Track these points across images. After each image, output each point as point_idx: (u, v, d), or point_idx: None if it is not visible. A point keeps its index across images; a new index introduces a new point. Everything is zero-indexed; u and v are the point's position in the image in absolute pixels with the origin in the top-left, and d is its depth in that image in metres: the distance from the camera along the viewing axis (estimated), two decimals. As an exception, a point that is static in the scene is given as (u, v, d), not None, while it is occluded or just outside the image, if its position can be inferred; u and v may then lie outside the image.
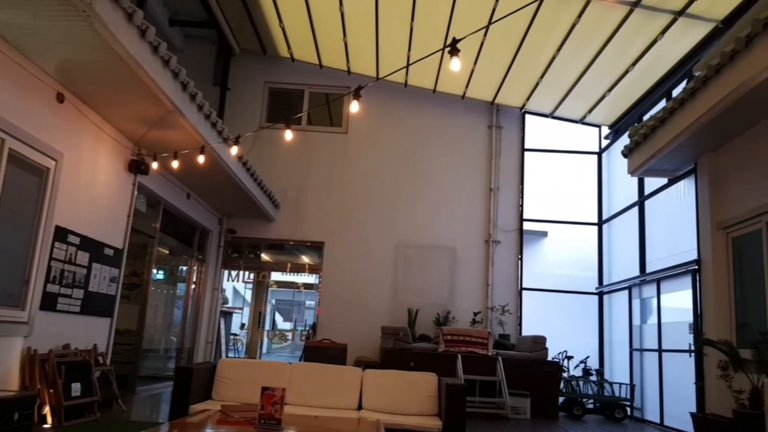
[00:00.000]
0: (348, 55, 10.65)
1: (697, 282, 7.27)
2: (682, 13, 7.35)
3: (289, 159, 11.16)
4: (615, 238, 10.55)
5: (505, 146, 11.25)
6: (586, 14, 7.84)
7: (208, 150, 6.90)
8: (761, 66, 5.02)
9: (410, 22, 9.02)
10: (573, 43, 8.56)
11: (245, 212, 10.49)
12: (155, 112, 6.22)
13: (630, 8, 7.50)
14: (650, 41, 8.02)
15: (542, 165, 11.35)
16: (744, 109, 5.84)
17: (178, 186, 8.74)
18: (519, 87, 10.35)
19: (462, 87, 10.80)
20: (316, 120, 11.80)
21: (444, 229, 10.92)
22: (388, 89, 11.22)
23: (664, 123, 6.92)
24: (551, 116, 11.07)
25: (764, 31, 4.95)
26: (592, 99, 10.06)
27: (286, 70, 11.58)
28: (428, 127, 11.32)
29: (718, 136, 6.61)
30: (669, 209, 8.48)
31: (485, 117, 11.35)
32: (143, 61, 5.31)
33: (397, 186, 11.10)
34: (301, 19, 9.73)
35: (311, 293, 19.97)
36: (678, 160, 7.44)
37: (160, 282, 10.25)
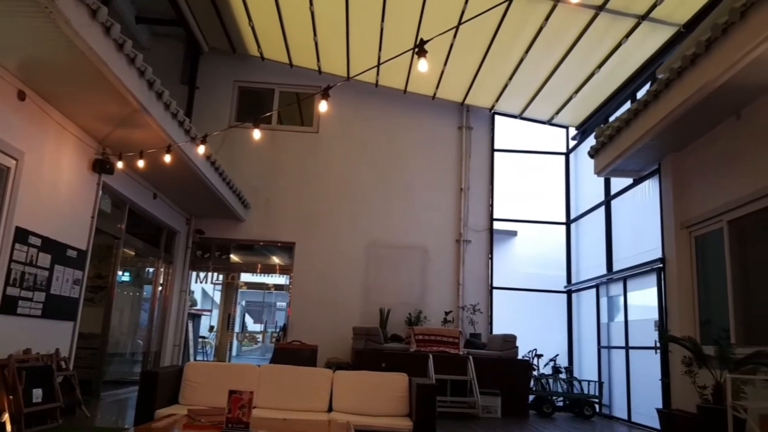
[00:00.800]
0: (318, 55, 10.60)
1: (662, 280, 7.45)
2: (645, 18, 7.51)
3: (260, 159, 11.06)
4: (583, 237, 10.74)
5: (475, 147, 11.35)
6: (553, 17, 7.95)
7: (174, 149, 6.79)
8: (721, 69, 5.17)
9: (381, 23, 9.02)
10: (541, 46, 8.68)
11: (214, 212, 10.35)
12: (120, 111, 6.09)
13: (595, 12, 7.64)
14: (615, 44, 8.18)
15: (512, 165, 11.48)
16: (705, 112, 6.00)
17: (145, 186, 8.57)
18: (488, 88, 10.44)
19: (432, 88, 10.86)
20: (287, 119, 11.72)
21: (415, 229, 10.96)
22: (359, 89, 11.20)
23: (628, 124, 7.06)
24: (520, 117, 11.21)
25: (723, 36, 5.10)
26: (559, 100, 10.22)
27: (255, 69, 11.47)
28: (399, 128, 11.35)
29: (680, 137, 6.78)
30: (634, 209, 8.67)
31: (455, 118, 11.43)
32: (108, 59, 5.20)
33: (368, 186, 11.10)
34: (271, 18, 9.64)
35: (282, 294, 19.81)
36: (642, 160, 7.61)
37: (126, 284, 10.04)
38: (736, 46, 4.95)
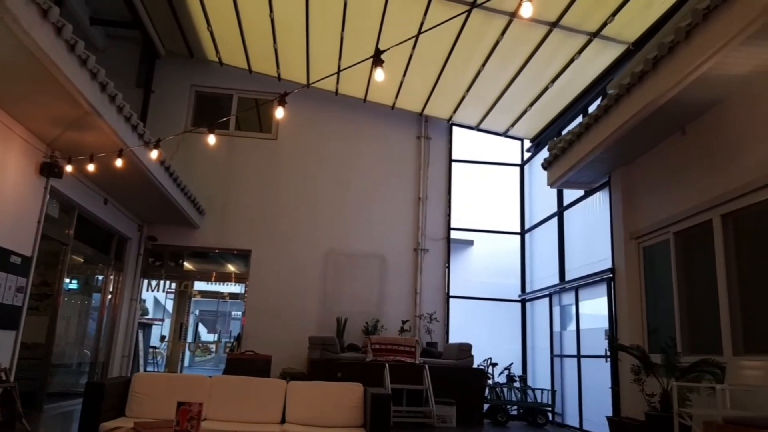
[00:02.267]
0: (278, 62, 10.54)
1: (612, 290, 7.66)
2: (596, 35, 7.77)
3: (217, 165, 10.89)
4: (537, 247, 10.97)
5: (433, 156, 11.46)
6: (509, 32, 8.14)
7: (127, 153, 6.62)
8: (667, 86, 5.39)
9: (341, 32, 9.04)
10: (497, 60, 8.86)
11: (168, 219, 10.11)
12: (71, 113, 5.92)
13: (549, 28, 7.85)
14: (568, 60, 8.43)
15: (469, 175, 11.65)
16: (652, 127, 6.24)
17: (95, 191, 8.32)
18: (447, 99, 10.59)
19: (392, 97, 10.93)
20: (246, 126, 11.59)
21: (374, 237, 10.97)
22: (319, 97, 11.18)
23: (580, 138, 7.27)
24: (477, 128, 11.39)
25: (669, 54, 5.32)
26: (514, 113, 10.44)
27: (214, 73, 11.31)
28: (359, 136, 11.37)
29: (629, 151, 7.02)
30: (586, 220, 8.91)
31: (414, 127, 11.53)
32: (58, 60, 5.05)
33: (327, 193, 11.06)
34: (230, 24, 9.54)
35: (237, 303, 19.47)
36: (593, 173, 7.84)
37: (74, 292, 9.69)
38: (681, 65, 5.17)
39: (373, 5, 8.25)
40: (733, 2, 4.46)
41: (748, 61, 4.87)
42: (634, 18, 7.30)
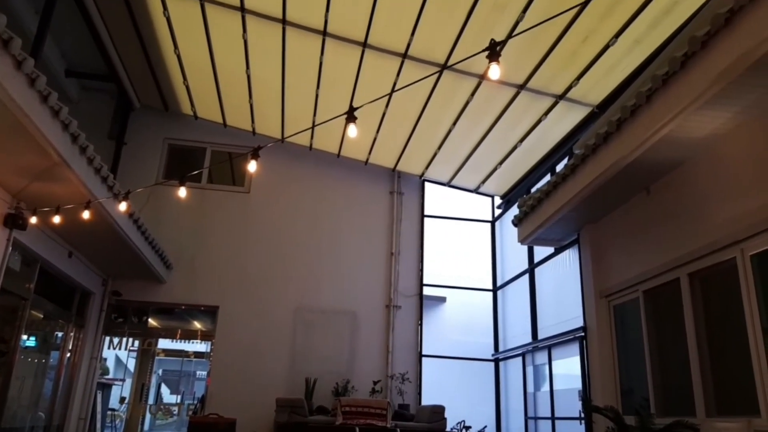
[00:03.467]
0: (253, 116, 10.65)
1: (585, 349, 7.64)
2: (562, 97, 8.09)
3: (187, 218, 10.75)
4: (509, 304, 10.96)
5: (406, 212, 11.54)
6: (479, 93, 8.41)
7: (95, 205, 6.50)
8: (631, 147, 5.57)
9: (316, 89, 9.23)
10: (467, 118, 9.11)
11: (134, 273, 9.85)
12: (40, 164, 5.83)
13: (517, 90, 8.15)
14: (536, 120, 8.71)
15: (441, 231, 11.72)
16: (618, 186, 6.40)
17: (60, 243, 8.09)
18: (419, 156, 10.77)
19: (365, 153, 11.08)
20: (219, 179, 11.56)
21: (345, 293, 10.84)
22: (293, 151, 11.26)
23: (549, 195, 7.42)
24: (448, 185, 11.57)
25: (632, 117, 5.53)
26: (485, 170, 10.66)
27: (188, 127, 11.35)
28: (332, 191, 11.42)
29: (597, 209, 7.17)
30: (557, 277, 8.98)
31: (387, 183, 11.64)
32: (30, 110, 5.02)
33: (298, 248, 10.96)
34: (207, 79, 9.66)
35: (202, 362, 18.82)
36: (562, 230, 7.96)
37: (31, 350, 9.24)
38: (644, 127, 5.36)
39: (348, 64, 8.48)
40: (690, 70, 4.70)
41: (707, 124, 5.09)
42: (598, 82, 7.63)
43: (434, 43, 7.77)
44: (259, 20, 8.10)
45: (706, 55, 4.51)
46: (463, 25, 7.24)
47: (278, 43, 8.41)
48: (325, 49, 8.33)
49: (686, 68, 4.76)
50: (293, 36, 8.26)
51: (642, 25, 6.51)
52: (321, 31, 8.03)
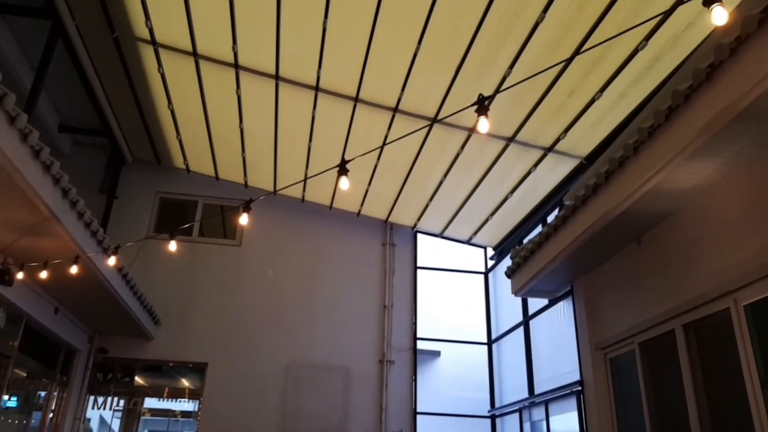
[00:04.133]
0: (246, 169, 10.72)
1: (582, 403, 7.46)
2: (551, 150, 8.21)
3: (177, 272, 10.63)
4: (504, 358, 10.78)
5: (398, 264, 11.48)
6: (469, 145, 8.54)
7: (83, 260, 6.43)
8: (620, 198, 5.61)
9: (308, 142, 9.34)
10: (458, 171, 9.21)
11: (121, 329, 9.65)
12: (29, 219, 5.79)
13: (506, 143, 8.28)
14: (525, 172, 8.81)
15: (434, 283, 11.65)
16: (609, 237, 6.41)
17: (46, 299, 7.95)
18: (411, 207, 10.82)
19: (357, 205, 11.12)
20: (210, 232, 11.51)
21: (338, 348, 10.63)
22: (285, 204, 11.28)
23: (541, 247, 7.42)
24: (441, 236, 11.58)
25: (620, 168, 5.60)
26: (477, 222, 10.69)
27: (180, 180, 11.38)
28: (324, 243, 11.38)
29: (589, 260, 7.15)
30: (551, 330, 8.87)
31: (380, 234, 11.63)
32: (21, 165, 5.03)
33: (290, 303, 10.82)
34: (199, 133, 9.77)
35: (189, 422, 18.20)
36: (556, 282, 7.91)
37: (12, 411, 8.93)
38: (632, 178, 5.42)
39: (340, 118, 8.62)
40: (675, 123, 4.79)
41: (694, 175, 5.15)
42: (585, 135, 7.78)
43: (424, 97, 7.93)
44: (253, 76, 8.27)
45: (689, 109, 4.61)
46: (452, 79, 7.42)
47: (271, 98, 8.57)
48: (318, 104, 8.48)
49: (671, 121, 4.86)
50: (286, 91, 8.42)
51: (626, 80, 6.70)
52: (313, 86, 8.20)
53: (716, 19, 3.19)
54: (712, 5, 3.14)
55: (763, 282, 4.68)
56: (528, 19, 6.35)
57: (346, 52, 7.45)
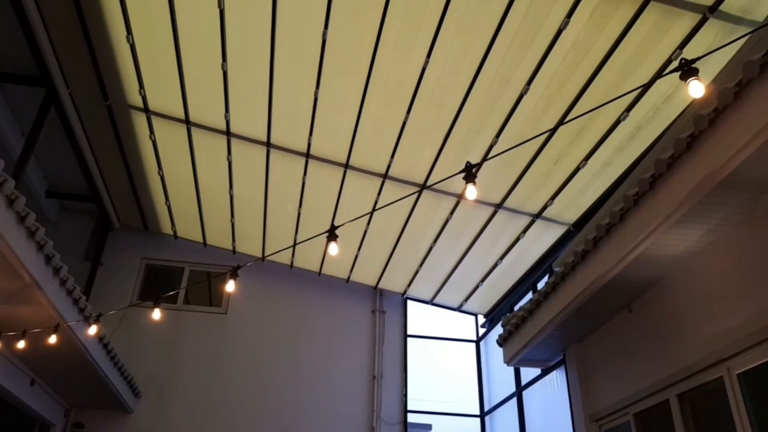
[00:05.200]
0: (234, 235, 10.67)
1: (578, 476, 7.18)
2: (538, 216, 8.28)
3: (160, 341, 10.34)
4: (498, 431, 10.42)
5: (388, 331, 11.26)
6: (458, 212, 8.59)
7: (63, 329, 6.25)
8: (609, 265, 5.61)
9: (298, 208, 9.37)
10: (448, 236, 9.22)
11: (99, 402, 9.24)
12: (10, 286, 5.68)
13: (494, 209, 8.35)
14: (514, 238, 8.84)
15: (425, 352, 11.40)
16: (599, 304, 6.36)
17: (23, 369, 7.65)
18: (401, 274, 10.75)
19: (347, 271, 11.03)
20: (195, 299, 11.30)
21: (326, 421, 10.21)
22: (273, 270, 11.16)
23: (532, 314, 7.33)
24: (431, 303, 11.44)
25: (608, 235, 5.63)
26: (467, 288, 10.61)
27: (166, 246, 11.28)
28: (312, 310, 11.18)
29: (581, 328, 7.06)
30: (545, 400, 8.63)
31: (369, 301, 11.48)
32: (5, 231, 4.99)
33: (276, 372, 10.49)
34: (189, 199, 9.79)
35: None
36: (548, 350, 7.77)
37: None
38: (620, 245, 5.44)
39: (330, 184, 8.69)
40: (659, 190, 4.87)
41: (681, 241, 5.18)
42: (572, 202, 7.88)
43: (413, 164, 8.05)
44: (244, 143, 8.38)
45: (672, 177, 4.70)
46: (441, 147, 7.56)
47: (262, 164, 8.65)
48: (308, 170, 8.57)
49: (655, 189, 4.93)
50: (277, 158, 8.53)
51: (609, 148, 6.87)
52: (304, 153, 8.31)
53: (693, 93, 3.30)
54: (689, 79, 3.26)
55: (755, 349, 4.63)
56: (513, 91, 6.56)
57: (337, 120, 7.61)
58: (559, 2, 5.54)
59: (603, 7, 5.47)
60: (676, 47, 5.59)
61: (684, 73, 3.26)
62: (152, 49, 7.17)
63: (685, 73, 3.26)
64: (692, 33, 5.45)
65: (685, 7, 5.28)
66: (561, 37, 5.81)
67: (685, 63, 3.27)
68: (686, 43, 5.54)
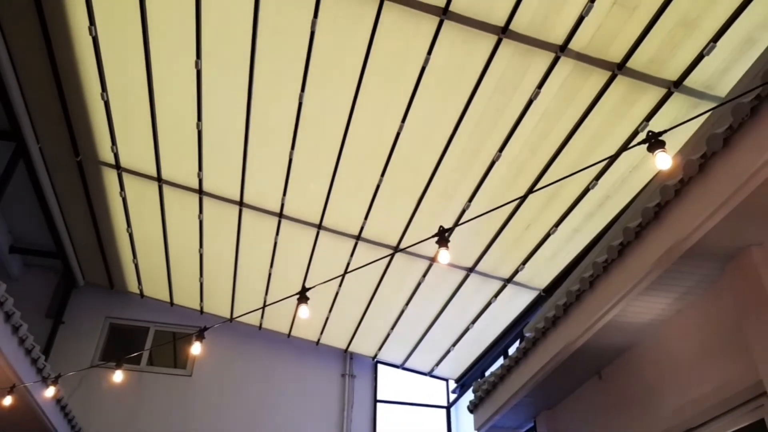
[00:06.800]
0: (202, 295, 10.43)
1: None
2: (509, 281, 8.33)
3: (122, 403, 9.84)
4: (470, 502, 10.05)
5: (358, 396, 10.95)
6: (429, 275, 8.60)
7: (20, 390, 5.93)
8: (579, 331, 5.62)
9: (269, 268, 9.25)
10: (420, 299, 9.17)
11: (50, 470, 8.70)
12: (-38, 345, 5.40)
13: (467, 273, 8.38)
14: (486, 302, 8.84)
15: (395, 417, 11.08)
16: (570, 370, 6.31)
17: (-32, 435, 7.20)
18: (371, 337, 10.57)
19: (317, 333, 10.81)
20: (160, 360, 10.87)
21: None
22: (241, 331, 10.87)
23: (503, 380, 7.24)
24: (402, 367, 11.23)
25: (578, 302, 5.67)
26: (439, 352, 10.46)
27: (132, 305, 10.93)
28: (281, 373, 10.84)
29: (552, 394, 6.98)
30: (518, 469, 8.40)
31: (339, 365, 11.20)
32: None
33: (240, 439, 10.04)
34: (157, 257, 9.59)
35: None
36: (519, 417, 7.63)
37: None
38: (590, 311, 5.47)
39: (302, 244, 8.65)
40: (627, 258, 4.96)
41: (650, 309, 5.23)
42: (542, 267, 7.96)
43: (387, 227, 8.09)
44: (216, 202, 8.34)
45: (640, 245, 4.79)
46: (414, 210, 7.64)
47: (234, 223, 8.59)
48: (281, 230, 8.53)
49: (624, 257, 5.02)
50: (249, 217, 8.48)
51: (579, 215, 7.03)
52: (277, 213, 8.29)
53: (660, 164, 3.42)
54: (656, 151, 3.38)
55: (723, 419, 4.64)
56: (485, 157, 6.73)
57: (312, 181, 7.66)
58: (531, 73, 5.79)
59: (572, 79, 5.74)
60: (643, 119, 5.86)
61: (651, 145, 3.40)
62: (126, 106, 7.20)
63: (652, 145, 3.39)
64: (658, 106, 5.73)
65: (651, 81, 5.58)
66: (532, 106, 6.04)
67: (653, 135, 3.41)
68: (652, 116, 5.82)
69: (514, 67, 5.79)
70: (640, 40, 5.29)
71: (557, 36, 5.48)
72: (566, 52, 5.53)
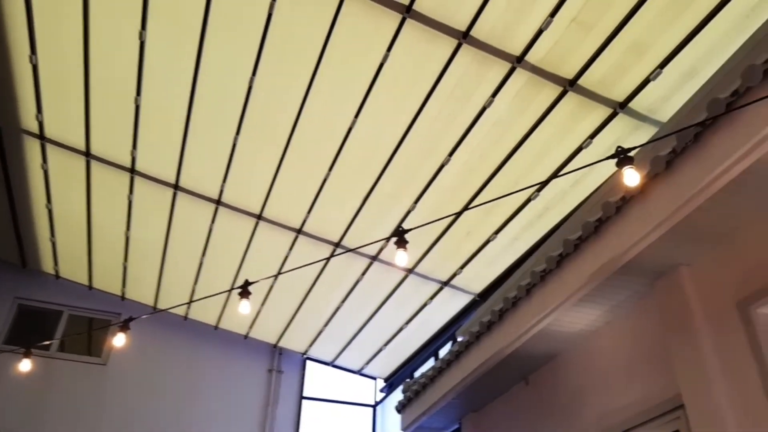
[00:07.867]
0: (125, 280, 9.89)
1: None
2: (447, 284, 8.42)
3: (27, 391, 9.13)
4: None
5: (284, 393, 10.73)
6: (368, 274, 8.54)
7: None
8: (513, 337, 5.71)
9: (201, 257, 8.89)
10: (356, 297, 9.09)
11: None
12: None
13: (406, 273, 8.39)
14: (422, 304, 8.89)
15: (320, 415, 10.95)
16: (499, 375, 6.41)
17: None
18: (303, 333, 10.39)
19: (246, 326, 10.51)
20: (72, 347, 10.21)
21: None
22: (163, 320, 10.35)
23: (433, 381, 7.29)
24: (332, 364, 11.12)
25: (514, 308, 5.78)
26: (370, 351, 10.44)
27: (45, 286, 10.19)
28: (204, 367, 10.44)
29: (479, 397, 7.09)
30: (440, 470, 8.48)
31: (266, 360, 10.93)
32: None
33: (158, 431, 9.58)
34: (77, 236, 9.00)
35: None
36: (445, 418, 7.71)
37: None
38: (524, 318, 5.58)
39: (239, 234, 8.37)
40: (565, 269, 5.08)
41: (580, 320, 5.40)
42: (480, 272, 8.09)
43: (330, 222, 7.96)
44: (149, 183, 7.92)
45: (578, 257, 4.93)
46: (359, 208, 7.55)
47: (166, 207, 8.20)
48: (217, 218, 8.22)
49: (561, 267, 5.15)
50: (184, 201, 8.12)
51: (518, 225, 7.18)
52: (215, 200, 7.98)
53: (628, 180, 3.49)
54: (625, 167, 3.45)
55: (644, 428, 4.82)
56: (435, 160, 6.74)
57: (255, 169, 7.42)
58: (486, 81, 5.85)
59: (526, 90, 5.84)
60: (587, 136, 6.05)
61: (620, 161, 3.48)
62: (57, 72, 6.69)
63: (621, 161, 3.47)
64: (603, 125, 5.93)
65: (599, 100, 5.77)
66: (485, 114, 6.10)
67: (622, 151, 3.49)
68: (596, 134, 6.02)
69: (471, 74, 5.82)
70: (593, 60, 5.45)
71: (515, 47, 5.55)
72: (522, 64, 5.61)
